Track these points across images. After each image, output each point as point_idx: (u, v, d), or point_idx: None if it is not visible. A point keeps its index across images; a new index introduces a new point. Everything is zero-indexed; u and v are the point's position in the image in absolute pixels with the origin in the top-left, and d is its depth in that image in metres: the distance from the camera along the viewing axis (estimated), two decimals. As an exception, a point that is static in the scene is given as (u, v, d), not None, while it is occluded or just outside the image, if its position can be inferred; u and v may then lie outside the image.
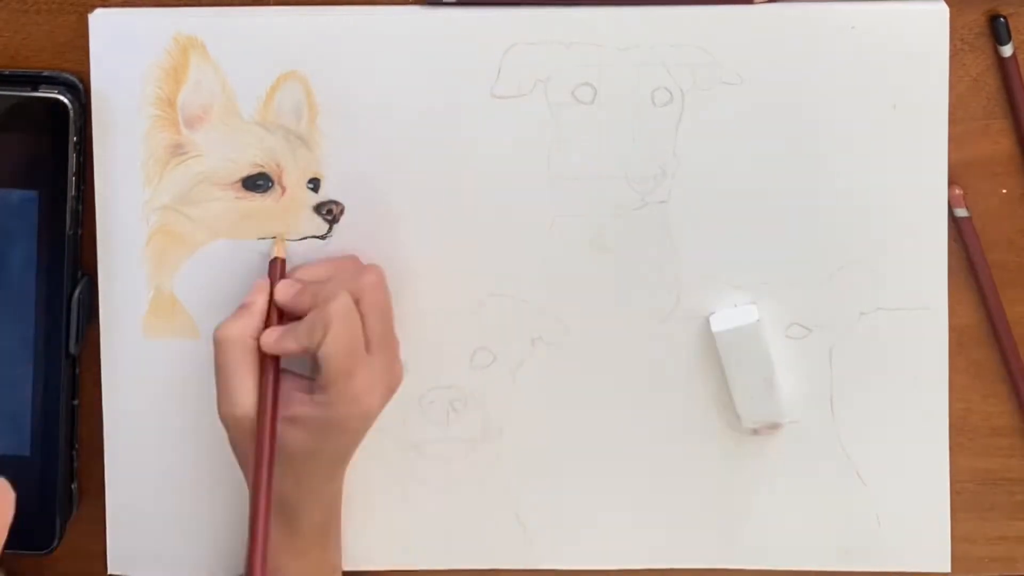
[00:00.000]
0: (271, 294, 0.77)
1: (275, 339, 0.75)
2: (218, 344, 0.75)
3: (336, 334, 0.73)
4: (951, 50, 0.80)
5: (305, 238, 0.81)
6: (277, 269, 0.79)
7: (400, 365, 0.78)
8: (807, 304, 0.82)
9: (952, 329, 0.82)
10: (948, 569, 0.83)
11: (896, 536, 0.83)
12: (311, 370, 0.76)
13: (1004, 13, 0.80)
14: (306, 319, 0.75)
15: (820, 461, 0.83)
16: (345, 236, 0.81)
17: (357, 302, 0.75)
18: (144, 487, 0.83)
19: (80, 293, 0.80)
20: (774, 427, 0.82)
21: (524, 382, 0.82)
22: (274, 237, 0.81)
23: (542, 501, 0.83)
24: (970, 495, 0.84)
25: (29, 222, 0.79)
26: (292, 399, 0.75)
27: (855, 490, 0.83)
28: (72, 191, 0.79)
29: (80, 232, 0.81)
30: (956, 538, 0.84)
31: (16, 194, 0.79)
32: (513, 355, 0.82)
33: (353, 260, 0.80)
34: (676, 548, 0.84)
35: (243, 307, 0.77)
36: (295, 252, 0.81)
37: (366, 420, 0.76)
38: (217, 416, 0.80)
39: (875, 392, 0.82)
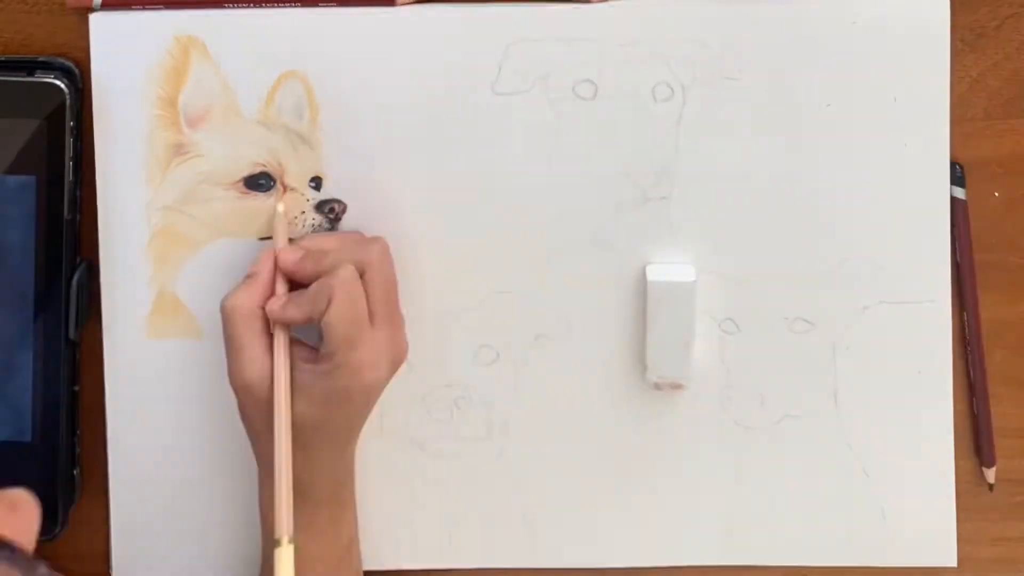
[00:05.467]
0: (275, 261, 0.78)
1: (280, 307, 0.76)
2: (226, 314, 0.76)
3: (340, 304, 0.73)
4: (952, 51, 0.80)
5: (307, 237, 0.81)
6: (280, 231, 0.79)
7: (405, 340, 0.78)
8: (810, 299, 0.82)
9: (953, 331, 0.82)
10: (954, 563, 0.83)
11: (902, 530, 0.83)
12: (317, 339, 0.76)
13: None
14: (311, 288, 0.75)
15: (824, 456, 0.83)
16: (347, 234, 0.81)
17: (361, 274, 0.75)
18: (148, 490, 0.83)
19: (79, 278, 0.80)
20: (676, 387, 0.82)
21: (527, 379, 0.82)
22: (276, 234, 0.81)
23: (547, 498, 0.83)
24: (972, 496, 0.84)
25: (27, 207, 0.79)
26: (298, 368, 0.75)
27: (860, 484, 0.83)
28: (70, 176, 0.79)
29: (78, 218, 0.81)
30: (958, 539, 0.83)
31: (14, 179, 0.79)
32: (516, 352, 0.82)
33: (358, 234, 0.80)
34: (681, 545, 0.84)
35: (250, 276, 0.77)
36: (297, 251, 0.81)
37: (369, 392, 0.76)
38: (220, 416, 0.80)
39: (879, 386, 0.82)
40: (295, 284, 0.77)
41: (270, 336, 0.76)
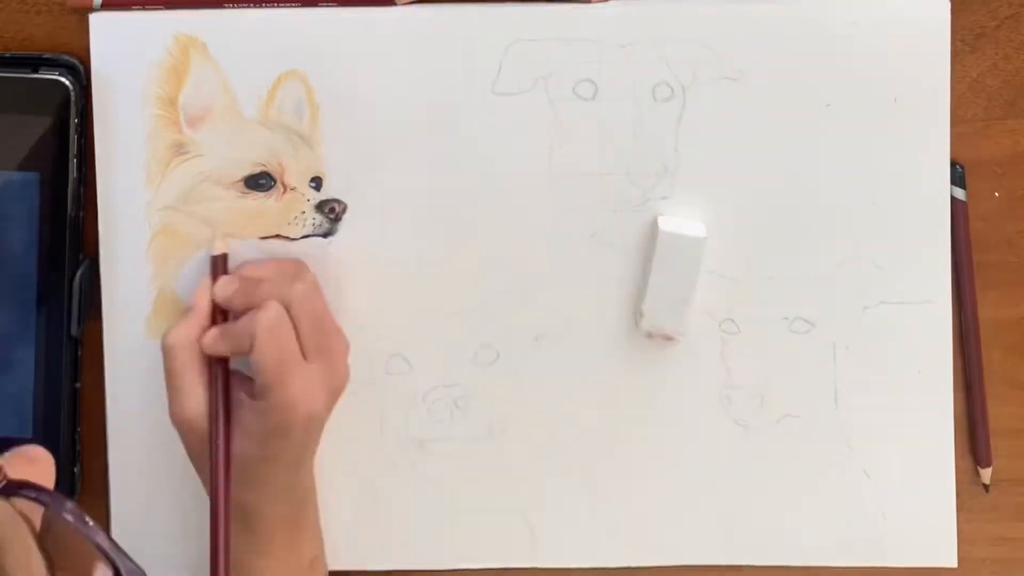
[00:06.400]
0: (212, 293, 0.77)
1: (211, 341, 0.76)
2: (165, 349, 0.76)
3: (263, 345, 0.73)
4: (952, 51, 0.80)
5: (308, 236, 0.81)
6: (218, 266, 0.79)
7: (345, 368, 0.78)
8: (810, 299, 0.82)
9: (953, 331, 0.82)
10: (955, 564, 0.83)
11: (902, 531, 0.83)
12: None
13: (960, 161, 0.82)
14: (237, 324, 0.75)
15: (825, 456, 0.83)
16: (347, 234, 0.81)
17: (288, 309, 0.74)
18: (148, 489, 0.82)
19: (82, 275, 0.80)
20: (668, 339, 0.82)
21: (528, 379, 0.82)
22: (276, 235, 0.81)
23: (548, 499, 0.83)
24: (971, 497, 0.84)
25: (30, 204, 0.79)
26: (237, 403, 0.75)
27: (860, 485, 0.83)
28: (73, 173, 0.79)
29: (82, 215, 0.81)
30: (958, 539, 0.83)
31: (17, 176, 0.79)
32: (516, 352, 0.82)
33: (295, 264, 0.79)
34: (681, 545, 0.83)
35: (189, 310, 0.77)
36: (297, 251, 0.81)
37: (309, 425, 0.75)
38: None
39: (879, 386, 0.82)
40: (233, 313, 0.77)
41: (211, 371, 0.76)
